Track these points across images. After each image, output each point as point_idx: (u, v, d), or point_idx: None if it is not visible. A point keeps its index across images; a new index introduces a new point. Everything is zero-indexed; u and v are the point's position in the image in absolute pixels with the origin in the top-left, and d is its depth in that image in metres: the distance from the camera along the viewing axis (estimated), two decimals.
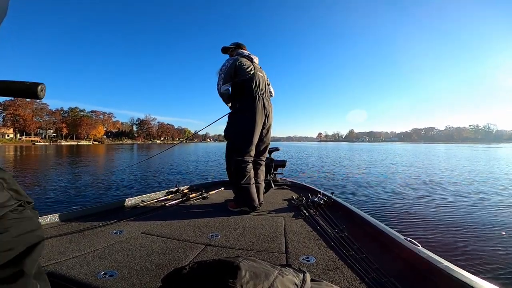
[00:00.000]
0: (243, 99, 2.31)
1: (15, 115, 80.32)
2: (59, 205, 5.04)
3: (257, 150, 2.41)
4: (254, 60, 2.48)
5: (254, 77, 2.33)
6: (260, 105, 2.29)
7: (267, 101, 2.40)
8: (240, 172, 2.23)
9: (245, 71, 2.31)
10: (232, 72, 2.30)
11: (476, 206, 4.77)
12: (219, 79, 2.33)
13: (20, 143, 73.82)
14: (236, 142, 2.31)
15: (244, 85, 2.30)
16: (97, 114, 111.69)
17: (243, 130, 2.28)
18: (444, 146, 67.78)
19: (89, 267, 1.18)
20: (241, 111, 2.32)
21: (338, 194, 2.58)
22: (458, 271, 0.99)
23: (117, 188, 7.01)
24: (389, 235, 1.44)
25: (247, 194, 2.21)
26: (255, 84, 2.31)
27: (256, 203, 2.24)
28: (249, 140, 2.26)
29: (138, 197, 2.49)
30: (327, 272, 1.17)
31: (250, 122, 2.25)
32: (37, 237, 0.60)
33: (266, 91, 2.43)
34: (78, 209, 2.01)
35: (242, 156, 2.26)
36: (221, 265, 0.69)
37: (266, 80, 2.58)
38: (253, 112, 2.26)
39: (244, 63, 2.33)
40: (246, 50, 2.56)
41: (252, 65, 2.39)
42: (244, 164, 2.25)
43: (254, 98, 2.28)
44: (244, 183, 2.21)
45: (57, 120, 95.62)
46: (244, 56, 2.43)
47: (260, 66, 2.55)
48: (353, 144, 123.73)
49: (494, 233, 3.29)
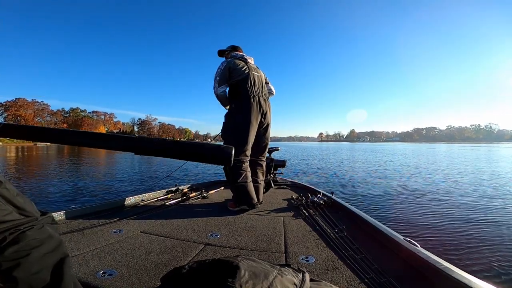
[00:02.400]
0: (238, 99, 2.33)
1: (17, 115, 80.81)
2: (59, 205, 5.05)
3: (256, 149, 2.42)
4: (249, 61, 2.49)
5: (248, 76, 2.34)
6: (255, 104, 2.30)
7: (264, 100, 2.40)
8: (236, 172, 2.24)
9: (239, 71, 2.33)
10: (226, 73, 2.32)
11: (476, 206, 4.75)
12: (214, 82, 2.36)
13: (22, 143, 73.91)
14: (231, 142, 2.31)
15: (239, 85, 2.32)
16: (98, 114, 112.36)
17: (237, 130, 2.29)
18: (445, 146, 67.52)
19: (88, 266, 1.18)
20: (235, 111, 2.33)
21: (338, 194, 2.57)
22: (457, 271, 0.99)
23: (117, 187, 7.03)
24: (388, 235, 1.44)
25: (245, 193, 2.23)
26: (250, 83, 2.32)
27: (255, 201, 2.25)
28: (243, 140, 2.26)
29: (138, 196, 2.49)
30: (326, 272, 1.17)
31: (245, 122, 2.26)
32: (62, 253, 0.56)
33: (263, 90, 2.43)
34: (78, 208, 2.01)
35: (237, 155, 2.25)
36: (221, 264, 0.69)
37: (265, 79, 2.58)
38: (248, 112, 2.27)
39: (238, 64, 2.35)
40: (242, 51, 2.58)
41: (247, 65, 2.40)
42: (239, 163, 2.25)
43: (249, 97, 2.29)
44: (241, 182, 2.22)
45: (58, 121, 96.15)
46: (238, 57, 2.45)
47: (256, 66, 2.56)
48: (354, 144, 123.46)
49: (494, 233, 3.28)
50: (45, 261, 0.52)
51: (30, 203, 0.57)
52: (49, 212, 0.60)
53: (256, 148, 2.42)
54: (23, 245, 0.49)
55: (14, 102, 79.96)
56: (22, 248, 0.49)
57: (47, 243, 0.54)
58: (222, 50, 2.63)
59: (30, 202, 0.57)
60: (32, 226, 0.53)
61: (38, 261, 0.51)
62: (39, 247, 0.52)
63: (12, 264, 0.47)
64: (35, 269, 0.50)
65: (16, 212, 0.52)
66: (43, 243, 0.53)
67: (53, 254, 0.54)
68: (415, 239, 1.31)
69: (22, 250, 0.49)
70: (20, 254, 0.49)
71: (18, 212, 0.52)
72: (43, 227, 0.55)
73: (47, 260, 0.52)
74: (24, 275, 0.48)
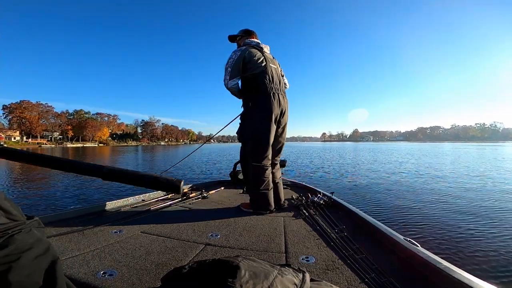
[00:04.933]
0: (255, 96, 2.10)
1: (21, 117, 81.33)
2: (59, 205, 5.09)
3: (274, 150, 2.26)
4: (265, 50, 2.22)
5: (266, 70, 2.10)
6: (276, 103, 2.08)
7: (282, 96, 2.17)
8: (259, 179, 2.10)
9: (256, 63, 2.07)
10: (240, 65, 2.07)
11: (477, 206, 4.71)
12: (225, 73, 2.12)
13: (27, 145, 74.65)
14: (252, 146, 2.14)
15: (255, 80, 2.08)
16: (102, 116, 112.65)
17: (258, 134, 2.10)
18: (450, 145, 66.76)
19: (89, 267, 1.18)
20: (254, 110, 2.11)
21: (338, 194, 2.57)
22: (458, 271, 0.99)
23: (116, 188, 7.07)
24: (388, 235, 1.44)
25: (265, 199, 2.11)
26: (269, 78, 2.09)
27: (272, 207, 2.13)
28: (265, 144, 2.09)
29: (138, 196, 2.50)
30: (327, 272, 1.17)
31: (265, 124, 2.07)
32: (52, 256, 0.56)
33: (280, 85, 2.19)
34: (78, 208, 2.01)
35: (259, 161, 2.10)
36: (221, 264, 0.69)
37: (280, 72, 2.31)
38: (268, 112, 2.06)
39: (254, 54, 2.09)
40: (257, 37, 2.30)
41: (263, 56, 2.14)
42: (262, 170, 2.11)
43: (268, 95, 2.06)
44: (263, 189, 2.09)
45: (62, 123, 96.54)
46: (253, 45, 2.18)
47: (272, 56, 2.31)
48: (357, 143, 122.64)
49: (494, 233, 3.25)
50: (37, 264, 0.52)
51: (17, 207, 0.57)
52: (35, 216, 0.60)
53: (275, 149, 2.27)
54: (13, 248, 0.49)
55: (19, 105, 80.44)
56: (12, 252, 0.49)
57: (36, 247, 0.54)
58: (234, 36, 2.36)
59: (17, 206, 0.57)
60: (20, 230, 0.53)
61: (29, 265, 0.51)
62: (29, 251, 0.52)
63: (4, 268, 0.47)
64: (27, 272, 0.49)
65: (4, 216, 0.52)
66: (32, 246, 0.53)
67: (44, 257, 0.54)
68: (415, 239, 1.31)
69: (12, 254, 0.49)
70: (11, 258, 0.48)
71: (5, 216, 0.52)
72: (30, 230, 0.55)
73: (38, 263, 0.53)
74: (17, 278, 0.48)
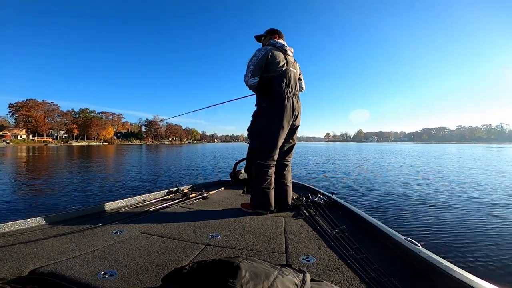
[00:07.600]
0: (269, 98, 2.13)
1: (28, 116, 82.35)
2: (60, 205, 5.13)
3: (283, 150, 2.29)
4: (288, 53, 2.25)
5: (285, 74, 2.12)
6: (289, 107, 2.11)
7: (297, 101, 2.21)
8: (261, 177, 2.13)
9: (277, 66, 2.10)
10: (262, 65, 2.09)
11: (477, 206, 4.67)
12: (247, 70, 2.14)
13: (33, 143, 75.61)
14: (260, 144, 2.18)
15: (272, 82, 2.11)
16: (106, 115, 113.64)
17: (268, 134, 2.13)
18: (456, 146, 65.94)
19: (89, 267, 1.18)
20: (267, 112, 2.14)
21: (338, 194, 2.57)
22: (458, 271, 0.99)
23: (117, 188, 7.13)
24: (389, 235, 1.44)
25: (265, 198, 2.13)
26: (286, 82, 2.11)
27: (272, 208, 2.15)
28: (273, 144, 2.13)
29: (138, 197, 2.50)
30: (327, 272, 1.17)
31: (276, 126, 2.10)
32: None
33: (296, 90, 2.23)
34: (78, 209, 2.02)
35: (264, 160, 2.14)
36: (221, 265, 0.69)
37: (299, 75, 2.37)
38: (281, 115, 2.09)
39: (277, 57, 2.11)
40: (283, 38, 2.32)
41: (286, 60, 2.17)
42: (266, 168, 2.14)
43: (283, 98, 2.09)
44: (264, 188, 2.12)
45: (68, 121, 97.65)
46: (277, 47, 2.20)
47: (294, 59, 2.33)
48: (361, 144, 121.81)
49: (494, 233, 3.23)
50: None
51: None
52: None
53: (284, 149, 2.30)
54: None
55: (25, 103, 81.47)
56: None
57: None
58: (259, 36, 2.39)
59: None
60: None
61: None
62: None
63: None
64: None
65: None
66: None
67: None
68: (415, 239, 1.31)
69: None
70: None
71: None
72: None
73: None
74: None
